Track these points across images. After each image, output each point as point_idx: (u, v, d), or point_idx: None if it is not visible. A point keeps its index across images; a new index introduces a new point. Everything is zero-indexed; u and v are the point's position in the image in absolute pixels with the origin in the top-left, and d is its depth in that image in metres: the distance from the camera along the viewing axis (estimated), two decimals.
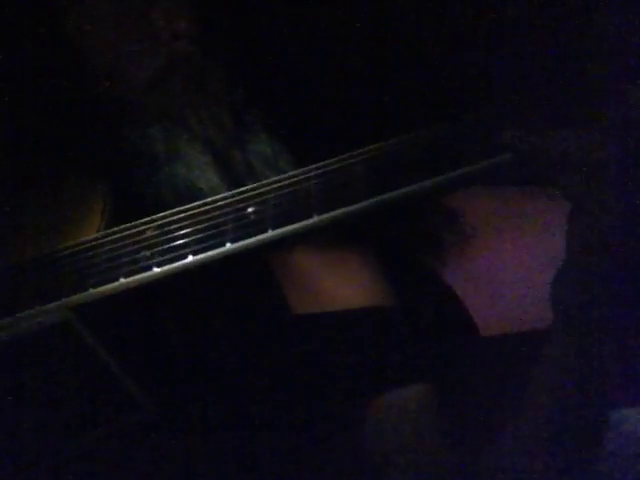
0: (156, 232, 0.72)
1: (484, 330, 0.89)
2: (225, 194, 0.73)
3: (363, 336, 0.81)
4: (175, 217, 0.73)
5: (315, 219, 0.67)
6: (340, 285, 0.84)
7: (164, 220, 0.73)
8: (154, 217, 0.74)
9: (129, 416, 0.73)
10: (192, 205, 0.73)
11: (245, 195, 0.72)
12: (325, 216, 0.67)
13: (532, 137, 0.63)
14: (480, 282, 0.92)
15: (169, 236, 0.71)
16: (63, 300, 0.70)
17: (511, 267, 0.91)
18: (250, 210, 0.70)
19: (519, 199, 0.93)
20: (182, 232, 0.71)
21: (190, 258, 0.69)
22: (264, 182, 0.72)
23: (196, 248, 0.69)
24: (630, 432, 0.77)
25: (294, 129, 0.85)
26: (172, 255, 0.69)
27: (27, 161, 0.84)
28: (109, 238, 0.73)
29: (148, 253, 0.71)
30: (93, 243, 0.74)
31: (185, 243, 0.70)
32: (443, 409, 0.78)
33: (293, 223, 0.67)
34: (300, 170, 0.71)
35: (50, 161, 0.84)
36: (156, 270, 0.69)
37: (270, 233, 0.68)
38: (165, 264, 0.69)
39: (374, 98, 0.91)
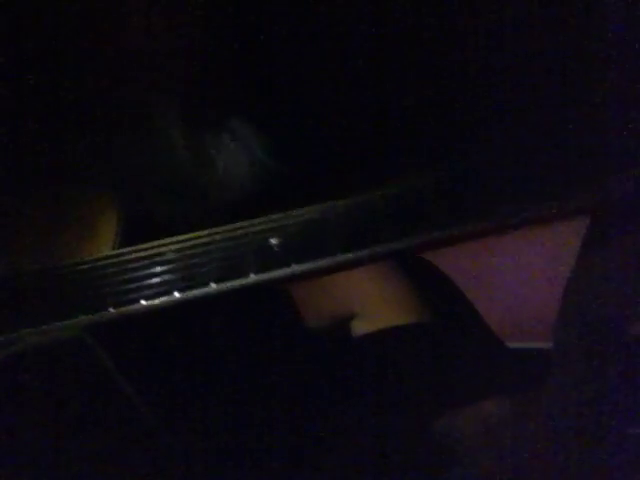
0: (177, 255, 0.73)
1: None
2: (245, 222, 0.73)
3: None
4: (196, 241, 0.73)
5: (339, 257, 0.68)
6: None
7: (184, 243, 0.73)
8: (174, 239, 0.74)
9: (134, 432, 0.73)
10: (211, 230, 0.74)
11: (267, 226, 0.72)
12: (349, 255, 0.68)
13: None
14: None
15: (191, 261, 0.72)
16: (81, 317, 0.70)
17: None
18: (273, 242, 0.71)
19: None
20: (204, 258, 0.71)
21: (213, 286, 0.69)
22: (287, 213, 0.73)
23: (219, 276, 0.70)
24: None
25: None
26: (194, 281, 0.70)
27: (39, 169, 0.83)
28: (128, 257, 0.74)
29: (169, 277, 0.71)
30: (112, 260, 0.74)
31: (208, 270, 0.70)
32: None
33: (317, 259, 0.69)
34: (323, 205, 0.72)
35: (62, 169, 0.84)
36: (177, 295, 0.70)
37: (294, 268, 0.69)
38: (187, 290, 0.70)
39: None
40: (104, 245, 0.78)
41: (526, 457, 0.74)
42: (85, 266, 0.74)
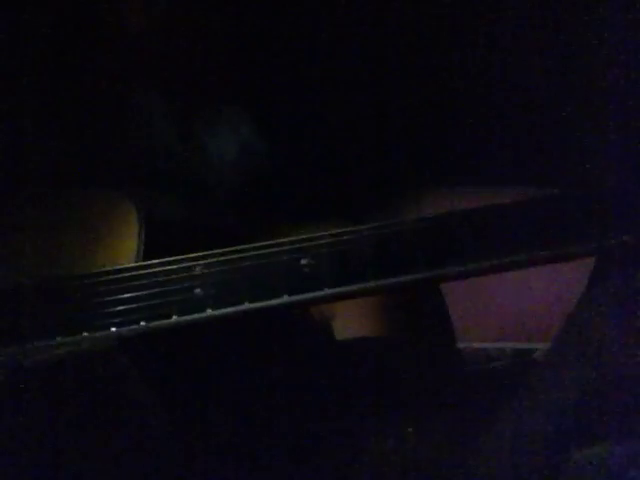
0: (206, 270, 0.74)
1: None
2: (276, 241, 0.75)
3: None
4: (224, 257, 0.75)
5: (371, 284, 0.70)
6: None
7: (213, 259, 0.75)
8: (202, 254, 0.75)
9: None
10: (240, 247, 0.75)
11: (298, 245, 0.74)
12: (382, 282, 0.70)
13: None
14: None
15: (221, 278, 0.73)
16: (113, 330, 0.71)
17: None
18: (303, 262, 0.73)
19: None
20: (234, 275, 0.73)
21: (246, 305, 0.71)
22: (317, 235, 0.74)
23: (252, 295, 0.71)
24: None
25: None
26: (227, 299, 0.71)
27: (58, 174, 0.83)
28: (157, 269, 0.75)
29: (201, 292, 0.72)
30: (141, 272, 0.75)
31: (239, 287, 0.72)
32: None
33: (349, 284, 0.71)
34: (352, 228, 0.74)
35: (83, 174, 0.84)
36: (210, 312, 0.71)
37: (326, 292, 0.71)
38: (219, 307, 0.71)
39: None
40: (127, 254, 0.78)
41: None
42: (115, 276, 0.75)
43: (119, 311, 0.72)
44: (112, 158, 0.84)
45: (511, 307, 1.00)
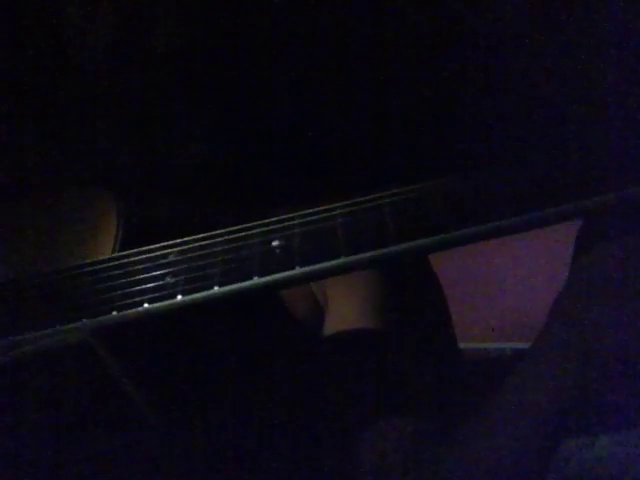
0: (179, 257, 0.73)
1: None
2: (247, 225, 0.74)
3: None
4: (197, 244, 0.74)
5: (342, 259, 0.69)
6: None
7: (187, 246, 0.74)
8: (176, 242, 0.74)
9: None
10: (214, 233, 0.74)
11: (269, 227, 0.73)
12: (353, 258, 0.69)
13: None
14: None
15: (193, 264, 0.72)
16: (84, 321, 0.71)
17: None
18: (275, 244, 0.71)
19: None
20: (206, 261, 0.72)
21: (216, 289, 0.70)
22: (289, 215, 0.73)
23: (222, 279, 0.70)
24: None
25: None
26: (197, 284, 0.70)
27: (38, 172, 0.83)
28: (131, 259, 0.74)
29: (172, 280, 0.71)
30: (114, 263, 0.74)
31: (210, 273, 0.71)
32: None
33: (321, 262, 0.69)
34: (325, 207, 0.73)
35: (62, 168, 0.84)
36: (180, 298, 0.70)
37: (298, 270, 0.69)
38: (190, 293, 0.70)
39: None
40: (104, 247, 0.78)
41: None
42: (88, 269, 0.74)
43: (90, 302, 0.71)
44: (91, 153, 0.84)
45: (511, 307, 0.97)
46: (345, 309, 0.86)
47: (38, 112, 0.82)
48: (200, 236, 0.74)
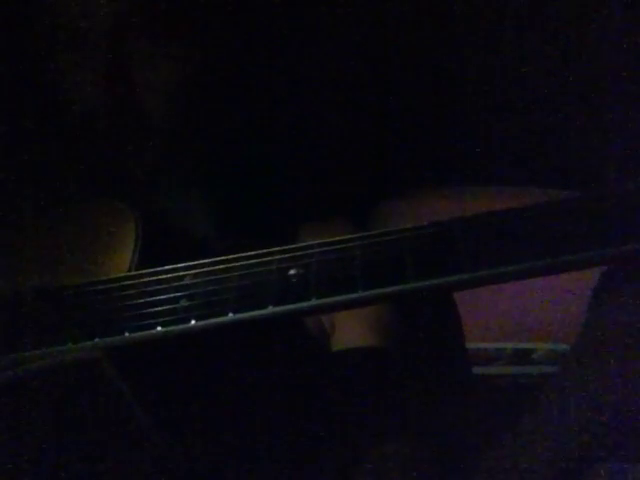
0: (195, 280, 0.72)
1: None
2: (265, 250, 0.73)
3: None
4: (214, 267, 0.73)
5: (359, 293, 0.68)
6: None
7: (203, 269, 0.73)
8: (192, 264, 0.74)
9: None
10: (231, 257, 0.73)
11: (287, 255, 0.72)
12: (370, 292, 0.68)
13: None
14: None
15: (209, 288, 0.71)
16: (97, 340, 0.70)
17: None
18: (292, 272, 0.71)
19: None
20: (222, 286, 0.71)
21: (230, 315, 0.69)
22: (307, 244, 0.72)
23: (237, 306, 0.69)
24: None
25: None
26: (211, 310, 0.70)
27: (57, 181, 0.83)
28: (146, 279, 0.74)
29: (186, 303, 0.71)
30: (129, 282, 0.74)
31: (225, 298, 0.70)
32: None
33: (337, 295, 0.68)
34: (344, 237, 0.72)
35: (81, 183, 0.83)
36: (193, 323, 0.70)
37: (314, 302, 0.68)
38: (203, 318, 0.69)
39: None
40: (122, 262, 0.77)
41: None
42: (102, 287, 0.74)
43: (102, 321, 0.71)
44: (111, 167, 0.84)
45: (511, 307, 0.96)
46: (351, 335, 0.86)
47: (60, 125, 0.81)
48: (217, 259, 0.73)
